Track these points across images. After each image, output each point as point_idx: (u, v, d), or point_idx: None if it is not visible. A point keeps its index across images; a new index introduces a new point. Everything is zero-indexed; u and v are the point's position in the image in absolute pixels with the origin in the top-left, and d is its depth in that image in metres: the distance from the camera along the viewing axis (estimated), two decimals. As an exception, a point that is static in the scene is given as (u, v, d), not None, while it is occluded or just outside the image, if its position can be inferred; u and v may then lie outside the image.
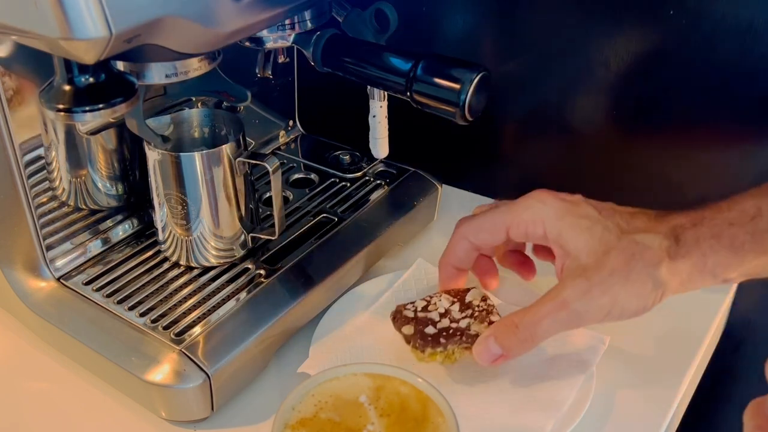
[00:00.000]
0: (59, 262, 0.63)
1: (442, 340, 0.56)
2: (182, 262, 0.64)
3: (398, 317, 0.59)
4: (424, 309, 0.59)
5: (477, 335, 0.56)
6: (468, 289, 0.61)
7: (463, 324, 0.58)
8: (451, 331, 0.57)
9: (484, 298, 0.60)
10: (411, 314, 0.59)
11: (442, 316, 0.58)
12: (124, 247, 0.67)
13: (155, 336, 0.57)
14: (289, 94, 0.84)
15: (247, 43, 0.61)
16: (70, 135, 0.62)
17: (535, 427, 0.53)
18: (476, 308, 0.59)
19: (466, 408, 0.55)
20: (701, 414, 0.78)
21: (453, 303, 0.60)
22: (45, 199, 0.65)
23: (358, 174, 0.78)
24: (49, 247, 0.62)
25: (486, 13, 0.76)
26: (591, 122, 0.75)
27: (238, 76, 0.70)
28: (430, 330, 0.57)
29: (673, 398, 0.58)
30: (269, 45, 0.61)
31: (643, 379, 0.60)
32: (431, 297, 0.60)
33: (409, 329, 0.57)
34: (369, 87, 0.64)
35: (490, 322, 0.57)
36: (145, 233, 0.68)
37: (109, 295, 0.61)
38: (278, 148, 0.83)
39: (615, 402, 0.58)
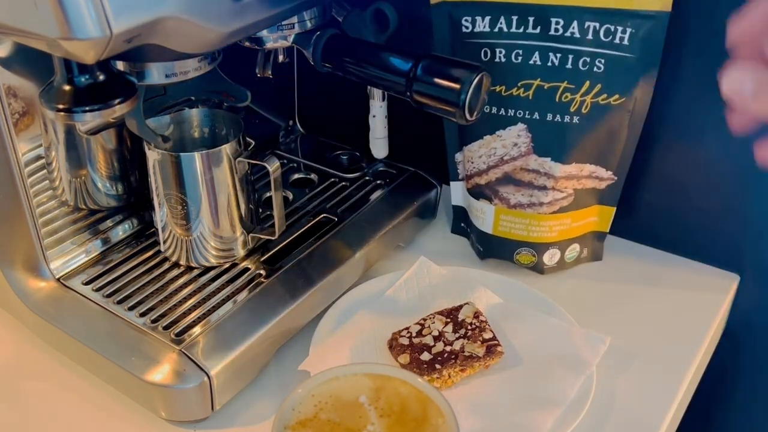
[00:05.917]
0: (59, 262, 0.63)
1: (438, 366, 0.57)
2: (182, 262, 0.64)
3: (394, 345, 0.59)
4: (419, 334, 0.60)
5: (471, 356, 0.57)
6: (460, 306, 0.62)
7: (457, 346, 0.58)
8: (446, 355, 0.58)
9: (477, 315, 0.61)
10: (406, 341, 0.59)
11: (437, 339, 0.59)
12: (124, 247, 0.67)
13: (155, 336, 0.57)
14: (289, 94, 0.84)
15: (247, 43, 0.61)
16: (70, 135, 0.62)
17: (535, 426, 0.53)
18: (469, 327, 0.60)
19: (465, 408, 0.55)
20: (701, 414, 0.78)
21: (446, 323, 0.60)
22: (45, 199, 0.65)
23: (358, 174, 0.78)
24: (49, 247, 0.62)
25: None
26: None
27: (238, 76, 0.70)
28: (425, 356, 0.58)
29: (672, 398, 0.58)
30: (269, 45, 0.61)
31: (643, 379, 0.60)
32: (425, 320, 0.61)
33: (405, 358, 0.58)
34: (369, 87, 0.64)
35: (483, 340, 0.58)
36: (145, 233, 0.68)
37: (108, 295, 0.61)
38: (278, 148, 0.83)
39: (615, 402, 0.58)
